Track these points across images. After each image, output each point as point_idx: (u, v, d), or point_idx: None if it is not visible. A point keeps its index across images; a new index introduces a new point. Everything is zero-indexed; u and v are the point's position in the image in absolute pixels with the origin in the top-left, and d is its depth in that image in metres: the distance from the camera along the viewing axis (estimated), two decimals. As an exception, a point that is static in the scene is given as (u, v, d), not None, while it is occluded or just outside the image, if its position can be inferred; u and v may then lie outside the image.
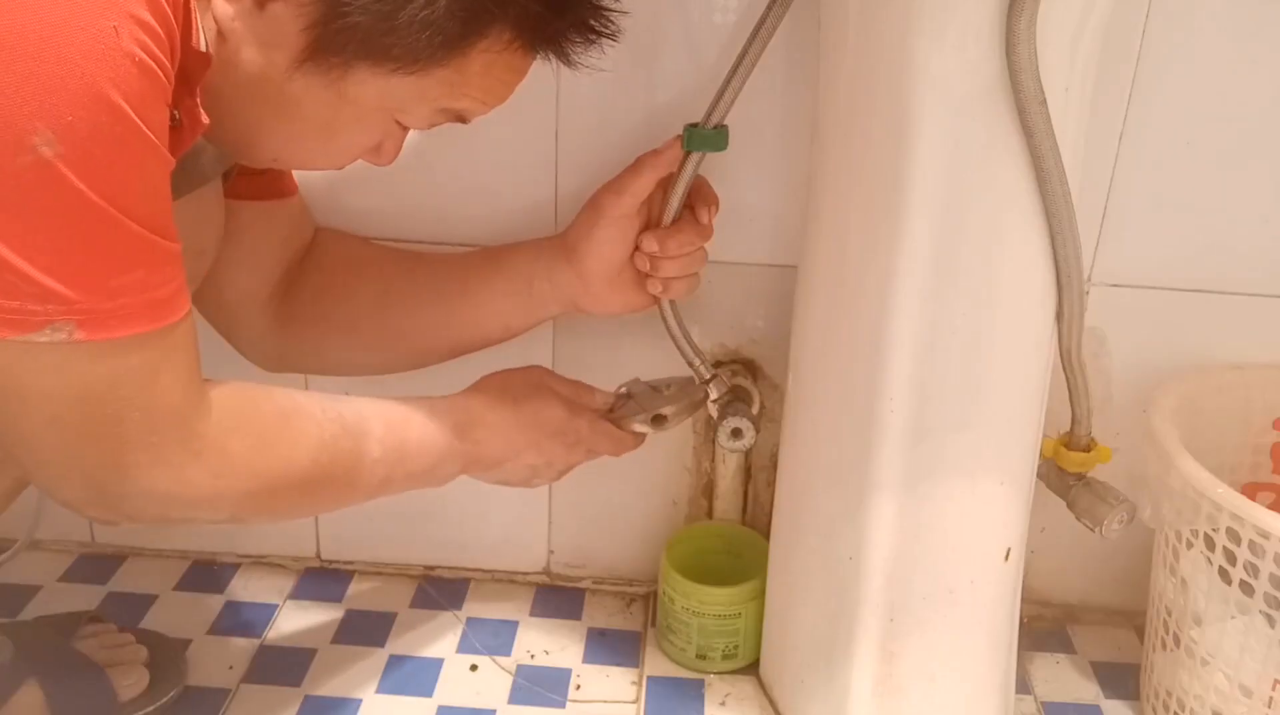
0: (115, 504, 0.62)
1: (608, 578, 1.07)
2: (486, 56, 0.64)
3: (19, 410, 0.57)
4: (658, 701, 0.93)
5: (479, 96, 0.67)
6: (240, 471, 0.65)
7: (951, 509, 0.79)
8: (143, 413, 0.59)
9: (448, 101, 0.67)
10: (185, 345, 0.61)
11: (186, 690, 0.91)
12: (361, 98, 0.64)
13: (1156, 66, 0.86)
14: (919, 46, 0.68)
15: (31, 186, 0.51)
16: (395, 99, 0.65)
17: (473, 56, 0.64)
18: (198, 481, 0.63)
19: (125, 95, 0.52)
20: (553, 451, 0.84)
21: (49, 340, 0.54)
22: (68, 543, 1.09)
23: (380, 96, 0.64)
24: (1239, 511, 0.75)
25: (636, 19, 0.85)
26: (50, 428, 0.58)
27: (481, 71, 0.65)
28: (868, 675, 0.83)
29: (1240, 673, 0.80)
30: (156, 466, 0.61)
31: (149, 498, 0.62)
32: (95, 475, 0.60)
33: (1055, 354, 0.79)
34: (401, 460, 0.75)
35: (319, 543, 1.08)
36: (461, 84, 0.65)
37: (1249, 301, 0.93)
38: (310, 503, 0.72)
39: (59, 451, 0.59)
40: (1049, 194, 0.70)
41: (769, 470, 1.01)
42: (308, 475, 0.69)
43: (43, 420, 0.57)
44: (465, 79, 0.65)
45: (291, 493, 0.69)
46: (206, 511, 0.65)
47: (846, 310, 0.77)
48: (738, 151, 0.88)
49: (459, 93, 0.66)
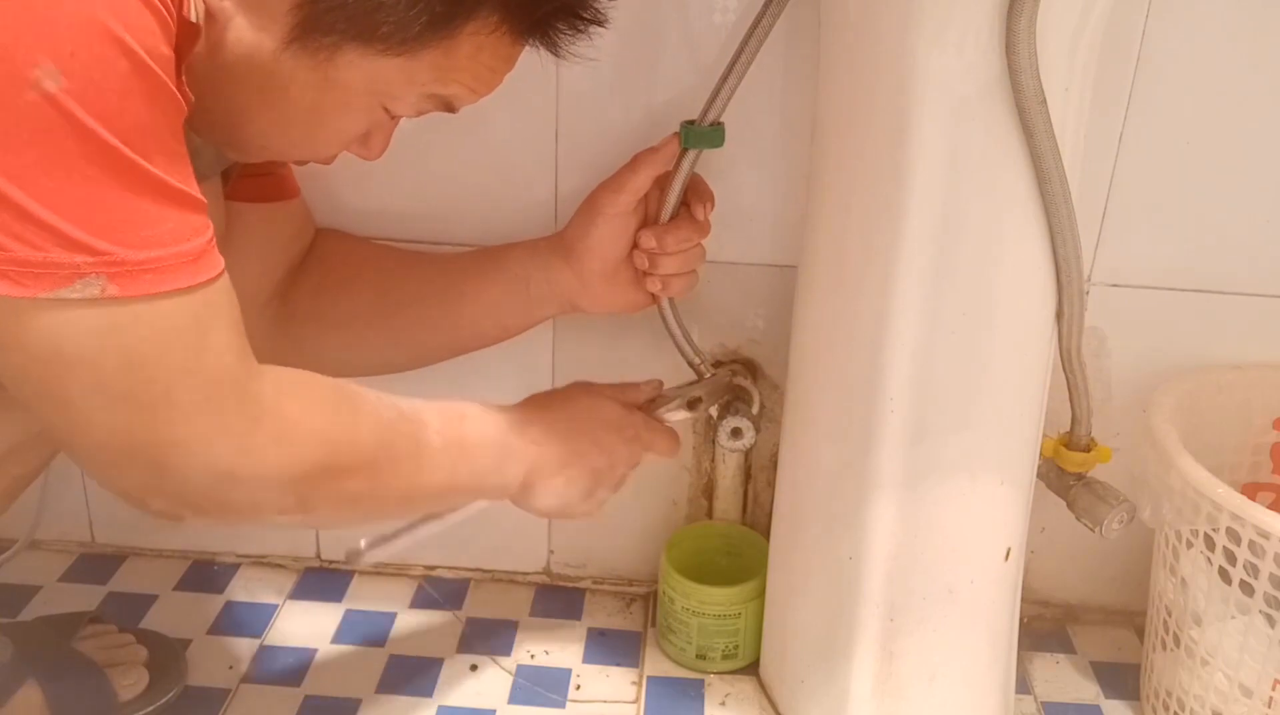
0: (178, 488, 0.58)
1: (608, 578, 1.07)
2: (475, 40, 0.64)
3: (63, 382, 0.53)
4: (658, 701, 0.93)
5: (467, 82, 0.66)
6: (304, 436, 0.62)
7: (951, 509, 0.79)
8: (195, 378, 0.56)
9: (436, 87, 0.66)
10: (229, 304, 0.58)
11: (186, 690, 0.91)
12: (349, 81, 0.63)
13: (1156, 66, 0.86)
14: (919, 46, 0.68)
15: (40, 125, 0.48)
16: (383, 82, 0.64)
17: (461, 39, 0.63)
18: (261, 450, 0.59)
19: (128, 29, 0.50)
20: (614, 448, 0.81)
21: (81, 296, 0.51)
22: (68, 543, 1.09)
23: (368, 79, 0.63)
24: (1239, 511, 0.75)
25: (636, 19, 0.86)
26: (97, 399, 0.54)
27: (470, 55, 0.64)
28: (868, 675, 0.83)
29: (1240, 673, 0.80)
30: (217, 437, 0.57)
31: (211, 475, 0.58)
32: (151, 454, 0.56)
33: (1055, 354, 0.79)
34: (463, 453, 0.73)
35: (319, 543, 1.08)
36: (450, 68, 0.64)
37: (1249, 301, 0.93)
38: (377, 490, 0.68)
39: (110, 429, 0.55)
40: (1049, 194, 0.70)
41: (769, 470, 1.01)
42: (373, 454, 0.66)
43: (88, 391, 0.54)
44: (453, 63, 0.64)
45: (359, 472, 0.65)
46: (274, 493, 0.62)
47: (846, 310, 0.77)
48: (737, 151, 0.88)
49: (447, 77, 0.65)
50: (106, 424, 0.55)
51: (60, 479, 1.05)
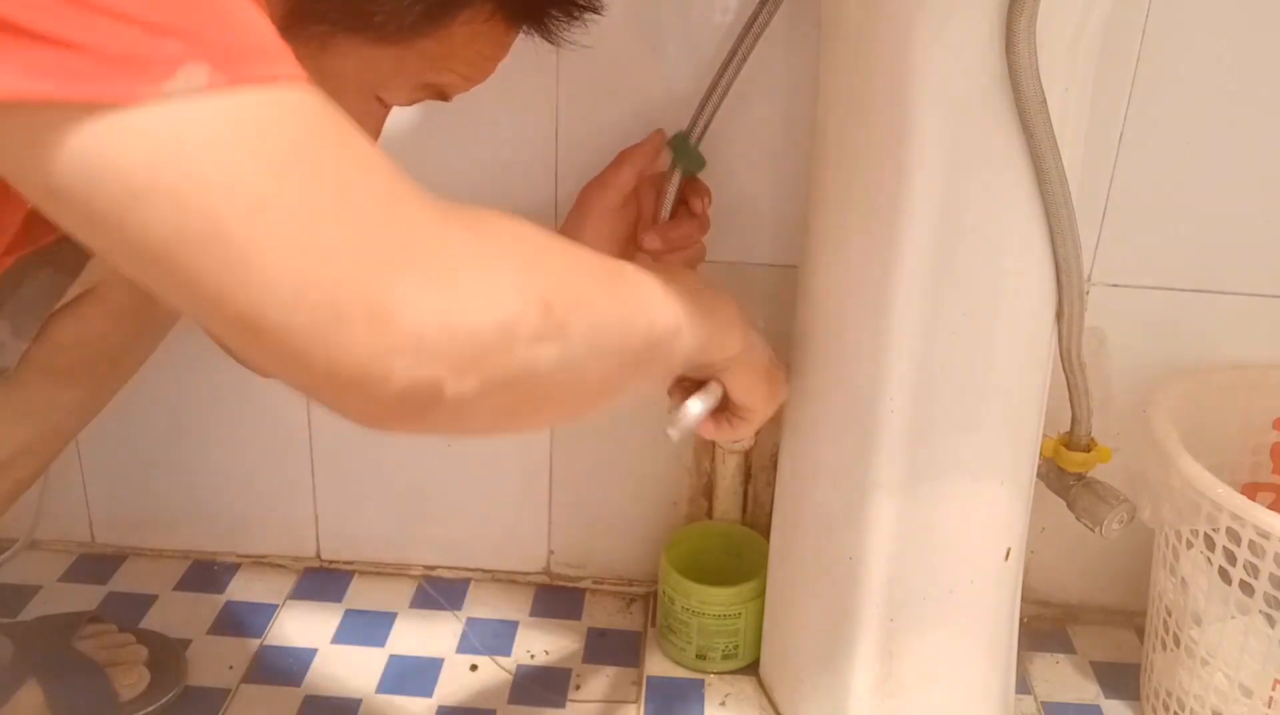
0: (415, 341, 0.42)
1: (608, 578, 1.07)
2: (469, 28, 0.63)
3: (208, 216, 0.38)
4: (658, 701, 0.93)
5: (462, 70, 0.65)
6: (531, 265, 0.49)
7: (952, 509, 0.79)
8: (375, 196, 0.42)
9: (429, 75, 0.64)
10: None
11: (186, 690, 0.91)
12: (342, 70, 0.60)
13: (1156, 66, 0.86)
14: (919, 46, 0.68)
15: None
16: (376, 72, 0.62)
17: (454, 29, 0.62)
18: (490, 288, 0.45)
19: None
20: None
21: (185, 86, 0.38)
22: (68, 543, 1.09)
23: (361, 69, 0.61)
24: (1239, 511, 0.75)
25: (636, 19, 0.86)
26: (263, 225, 0.39)
27: (464, 43, 0.63)
28: (868, 675, 0.83)
29: (1240, 673, 0.80)
30: (431, 283, 0.42)
31: (445, 331, 0.42)
32: (366, 294, 0.40)
33: (1055, 354, 0.79)
34: (671, 286, 0.60)
35: (319, 543, 1.08)
36: (444, 57, 0.63)
37: (1249, 301, 0.93)
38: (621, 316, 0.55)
39: (295, 281, 0.39)
40: (1049, 194, 0.70)
41: (769, 470, 1.00)
42: (616, 294, 0.54)
43: (243, 218, 0.38)
44: (448, 51, 0.63)
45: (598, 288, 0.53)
46: (523, 347, 0.46)
47: (846, 310, 0.77)
48: (737, 151, 0.88)
49: (441, 66, 0.64)
50: (284, 269, 0.39)
51: (60, 479, 1.05)
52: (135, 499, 1.07)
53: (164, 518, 1.08)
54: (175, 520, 1.08)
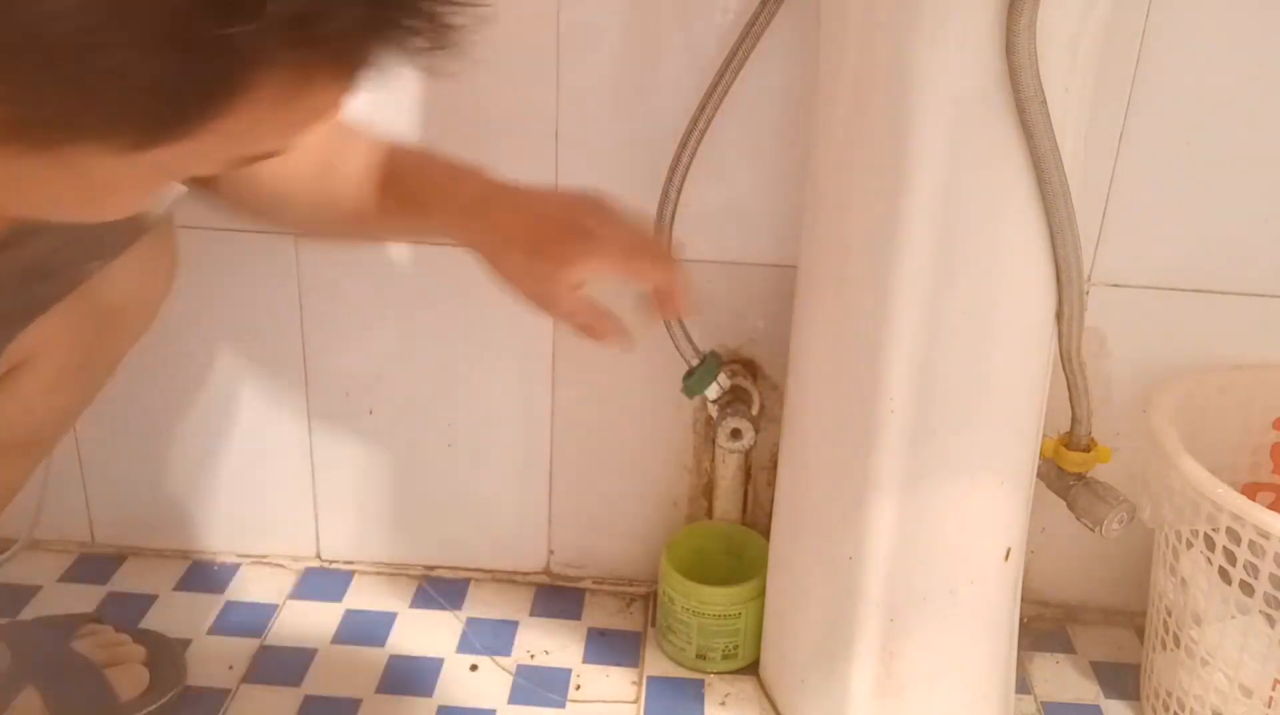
0: None
1: (608, 578, 1.07)
2: (267, 95, 0.44)
3: None
4: (658, 701, 0.93)
5: (283, 136, 0.49)
6: None
7: (951, 509, 0.79)
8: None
9: (239, 151, 0.48)
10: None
11: (186, 690, 0.91)
12: (110, 174, 0.46)
13: (1156, 66, 0.86)
14: (919, 46, 0.68)
15: None
16: (159, 167, 0.47)
17: (240, 108, 0.43)
18: None
19: None
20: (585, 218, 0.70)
21: None
22: (68, 543, 1.09)
23: (134, 168, 0.45)
24: (1239, 511, 0.75)
25: (637, 19, 0.86)
26: None
27: (270, 112, 0.45)
28: (868, 675, 0.83)
29: (1240, 673, 0.80)
30: None
31: None
32: None
33: (1055, 354, 0.79)
34: None
35: (319, 543, 1.08)
36: (247, 133, 0.46)
37: (1249, 301, 0.93)
38: None
39: None
40: (1049, 194, 0.70)
41: (769, 470, 1.01)
42: None
43: None
44: (249, 127, 0.45)
45: None
46: None
47: (846, 310, 0.77)
48: (738, 150, 0.88)
49: (249, 141, 0.47)
50: None
51: (60, 479, 1.05)
52: (135, 499, 1.07)
53: (164, 518, 1.08)
54: (175, 520, 1.08)
